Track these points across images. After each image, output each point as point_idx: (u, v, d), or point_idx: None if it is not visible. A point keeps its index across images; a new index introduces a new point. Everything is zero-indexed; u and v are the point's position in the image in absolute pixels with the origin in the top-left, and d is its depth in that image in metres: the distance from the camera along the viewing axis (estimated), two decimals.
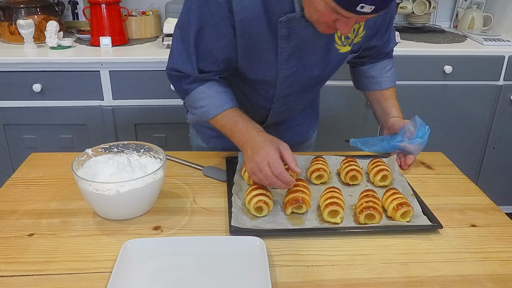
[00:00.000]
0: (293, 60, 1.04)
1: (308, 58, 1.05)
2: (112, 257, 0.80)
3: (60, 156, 1.18)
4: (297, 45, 1.02)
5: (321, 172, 1.07)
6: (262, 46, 1.01)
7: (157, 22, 2.32)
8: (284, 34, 0.99)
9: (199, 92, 1.08)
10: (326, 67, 1.10)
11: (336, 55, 1.08)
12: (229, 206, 0.94)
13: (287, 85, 1.10)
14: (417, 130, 1.14)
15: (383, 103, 1.27)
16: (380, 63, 1.27)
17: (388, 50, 1.26)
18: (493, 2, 2.54)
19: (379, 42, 1.20)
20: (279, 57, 1.03)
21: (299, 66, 1.06)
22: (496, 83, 2.17)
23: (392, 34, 1.25)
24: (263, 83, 1.10)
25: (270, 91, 1.12)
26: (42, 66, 1.92)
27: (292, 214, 0.95)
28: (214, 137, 1.31)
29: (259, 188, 0.94)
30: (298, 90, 1.14)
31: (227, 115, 1.07)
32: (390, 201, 0.94)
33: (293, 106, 1.20)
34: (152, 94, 2.01)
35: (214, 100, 1.07)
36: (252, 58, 1.04)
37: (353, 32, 1.06)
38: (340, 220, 0.91)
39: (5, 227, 0.89)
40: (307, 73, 1.09)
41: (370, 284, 0.77)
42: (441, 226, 0.90)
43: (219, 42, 1.00)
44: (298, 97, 1.17)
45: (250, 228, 0.88)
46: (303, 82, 1.11)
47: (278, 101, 1.15)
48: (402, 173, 1.10)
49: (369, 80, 1.28)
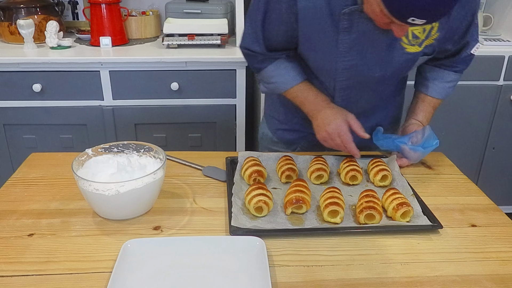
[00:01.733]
0: (353, 53, 1.05)
1: (368, 52, 1.05)
2: (112, 257, 0.80)
3: (60, 156, 1.18)
4: (358, 38, 1.02)
5: (321, 172, 1.07)
6: (323, 36, 1.04)
7: (157, 22, 2.32)
8: (346, 26, 1.00)
9: (269, 70, 1.18)
10: (390, 65, 1.08)
11: (402, 54, 1.06)
12: (229, 206, 0.94)
13: (346, 77, 1.10)
14: (424, 140, 1.13)
15: (418, 103, 1.25)
16: (441, 70, 1.22)
17: (461, 57, 1.18)
18: (493, 2, 2.54)
19: (453, 46, 1.14)
20: (339, 48, 1.04)
21: (358, 60, 1.06)
22: (496, 83, 2.17)
23: (471, 43, 1.16)
24: (323, 72, 1.13)
25: (330, 82, 1.14)
26: (42, 66, 1.92)
27: (292, 214, 0.95)
28: (281, 129, 1.35)
29: (259, 188, 0.94)
30: (359, 86, 1.13)
31: (297, 89, 1.17)
32: (390, 201, 0.94)
33: (355, 101, 1.18)
34: (152, 94, 2.01)
35: (283, 77, 1.16)
36: (312, 47, 1.08)
37: (423, 32, 1.04)
38: (340, 220, 0.91)
39: (5, 227, 0.89)
40: (368, 68, 1.08)
41: (370, 284, 0.77)
42: (441, 226, 0.90)
43: (281, 27, 1.07)
44: (361, 93, 1.16)
45: (250, 228, 0.88)
46: (363, 77, 1.10)
47: (339, 93, 1.15)
48: (402, 173, 1.10)
49: (421, 80, 1.26)
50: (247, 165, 1.06)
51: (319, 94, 1.16)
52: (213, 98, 2.04)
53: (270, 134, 1.37)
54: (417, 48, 1.06)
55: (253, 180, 1.04)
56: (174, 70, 1.98)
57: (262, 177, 1.05)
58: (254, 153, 1.15)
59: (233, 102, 2.06)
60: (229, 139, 2.14)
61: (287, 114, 1.31)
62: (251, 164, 1.06)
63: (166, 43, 2.05)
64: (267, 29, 1.10)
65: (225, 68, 1.99)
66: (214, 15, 2.21)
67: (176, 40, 2.05)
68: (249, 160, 1.08)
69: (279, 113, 1.34)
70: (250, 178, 1.04)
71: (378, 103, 1.25)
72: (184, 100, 2.03)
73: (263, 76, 1.20)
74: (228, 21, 2.17)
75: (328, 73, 1.12)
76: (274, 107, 1.35)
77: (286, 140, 1.34)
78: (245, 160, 1.09)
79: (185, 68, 1.97)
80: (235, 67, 1.99)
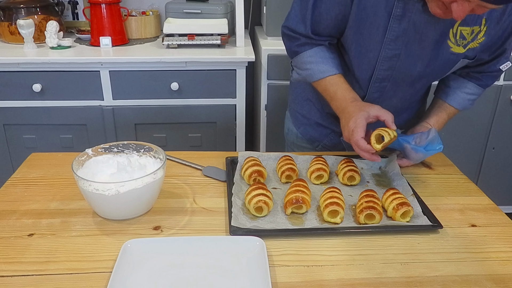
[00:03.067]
0: (399, 42, 1.04)
1: (415, 45, 1.04)
2: (112, 257, 0.80)
3: (60, 156, 1.18)
4: (407, 28, 1.02)
5: (321, 172, 1.07)
6: (374, 21, 1.03)
7: (157, 22, 2.33)
8: (398, 13, 1.00)
9: (307, 56, 1.14)
10: (432, 62, 1.07)
11: (447, 53, 1.05)
12: (229, 206, 0.94)
13: (386, 67, 1.09)
14: (428, 142, 1.12)
15: (434, 108, 1.24)
16: (465, 81, 1.21)
17: (490, 69, 1.17)
18: None
19: (487, 57, 1.13)
20: (387, 35, 1.03)
21: (403, 51, 1.05)
22: (496, 83, 2.17)
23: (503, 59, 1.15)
24: (364, 60, 1.11)
25: (367, 73, 1.12)
26: (42, 66, 1.92)
27: (292, 214, 0.95)
28: (305, 124, 1.34)
29: (259, 188, 0.94)
30: (397, 80, 1.12)
31: (329, 81, 1.13)
32: (390, 201, 0.94)
33: (388, 97, 1.17)
34: (152, 94, 2.01)
35: (320, 65, 1.13)
36: (361, 31, 1.06)
37: (471, 34, 1.03)
38: (340, 220, 0.91)
39: (5, 227, 0.89)
40: (410, 61, 1.07)
41: (370, 284, 0.77)
42: (441, 226, 0.90)
43: (334, 9, 1.06)
44: (396, 89, 1.15)
45: (250, 228, 0.88)
46: (404, 70, 1.09)
47: (374, 84, 1.14)
48: (402, 173, 1.10)
49: (442, 87, 1.25)
50: (247, 165, 1.06)
51: (349, 91, 1.11)
52: (213, 98, 2.04)
53: (295, 130, 1.37)
54: (461, 49, 1.06)
55: (253, 180, 1.04)
56: (174, 70, 1.98)
57: (262, 177, 1.05)
58: (254, 153, 1.15)
59: (233, 102, 2.06)
60: (229, 139, 2.14)
61: (311, 108, 1.31)
62: (251, 164, 1.06)
63: (166, 43, 2.05)
64: (319, 10, 1.08)
65: (225, 68, 1.99)
66: (214, 15, 2.21)
67: (176, 40, 2.05)
68: (249, 160, 1.08)
69: (303, 107, 1.33)
70: (250, 178, 1.04)
71: (406, 105, 1.24)
72: (184, 100, 2.03)
73: (299, 61, 1.17)
74: (228, 21, 2.17)
75: (369, 61, 1.10)
76: (299, 101, 1.35)
77: (310, 137, 1.34)
78: (245, 160, 1.09)
79: (185, 68, 1.97)
80: (235, 67, 1.99)
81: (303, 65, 1.16)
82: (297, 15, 1.12)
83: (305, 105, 1.32)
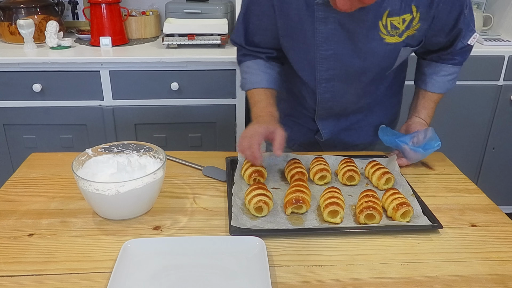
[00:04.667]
0: (330, 43, 1.06)
1: (347, 42, 1.06)
2: (112, 257, 0.80)
3: (60, 156, 1.18)
4: (335, 29, 1.03)
5: (324, 173, 1.06)
6: (301, 26, 1.06)
7: (157, 22, 2.33)
8: (321, 16, 1.02)
9: (245, 66, 1.23)
10: (369, 55, 1.08)
11: (382, 45, 1.06)
12: (229, 206, 0.94)
13: (326, 68, 1.11)
14: (426, 141, 1.13)
15: (419, 99, 1.25)
16: (438, 65, 1.21)
17: (456, 49, 1.16)
18: (493, 2, 2.54)
19: (445, 38, 1.13)
20: (316, 38, 1.05)
21: (337, 50, 1.07)
22: (496, 83, 2.17)
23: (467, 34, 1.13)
24: (304, 64, 1.14)
25: (311, 74, 1.14)
26: (42, 66, 1.92)
27: (292, 214, 0.95)
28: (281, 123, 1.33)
29: (259, 188, 0.94)
30: (342, 77, 1.13)
31: (256, 93, 1.18)
32: (390, 201, 0.94)
33: (340, 95, 1.18)
34: (152, 94, 2.01)
35: (253, 76, 1.20)
36: (292, 37, 1.10)
37: (403, 23, 1.03)
38: (340, 220, 0.91)
39: (5, 227, 0.89)
40: (347, 58, 1.08)
41: (370, 284, 0.77)
42: (441, 226, 0.90)
43: (262, 21, 1.13)
44: (345, 86, 1.15)
45: (250, 228, 0.88)
46: (344, 67, 1.10)
47: (321, 85, 1.15)
48: (402, 173, 1.10)
49: (420, 76, 1.26)
50: (247, 165, 1.06)
51: (270, 106, 1.15)
52: (213, 98, 2.04)
53: None
54: (398, 38, 1.06)
55: (253, 180, 1.04)
56: (174, 70, 1.98)
57: (262, 177, 1.05)
58: None
59: (233, 102, 2.06)
60: (229, 139, 2.14)
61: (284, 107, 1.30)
62: (251, 164, 1.06)
63: (166, 43, 2.05)
64: (250, 24, 1.16)
65: (225, 68, 1.99)
66: (214, 15, 2.21)
67: (176, 40, 2.05)
68: None
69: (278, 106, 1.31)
70: (250, 178, 1.04)
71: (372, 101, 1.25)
72: (184, 100, 2.03)
73: (241, 70, 1.26)
74: (228, 21, 2.17)
75: (309, 63, 1.13)
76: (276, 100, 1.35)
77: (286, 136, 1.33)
78: (245, 160, 1.08)
79: (185, 68, 1.97)
80: (235, 67, 1.99)
81: (242, 74, 1.25)
82: (237, 29, 1.20)
83: (281, 103, 1.31)
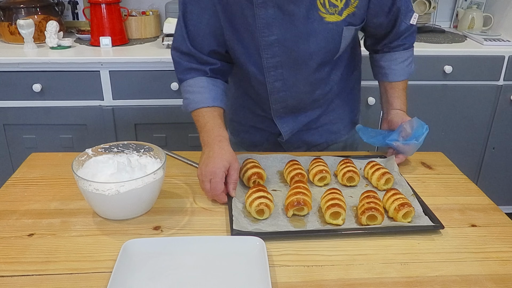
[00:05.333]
0: (272, 28, 1.05)
1: (289, 26, 1.05)
2: (112, 257, 0.80)
3: (60, 156, 1.18)
4: (275, 13, 1.03)
5: (324, 174, 1.05)
6: (241, 13, 1.04)
7: (157, 22, 2.33)
8: (260, 1, 1.01)
9: (186, 85, 1.14)
10: (313, 37, 1.07)
11: (323, 24, 1.05)
12: (230, 209, 0.94)
13: (271, 54, 1.09)
14: (414, 131, 1.13)
15: (388, 92, 1.24)
16: (392, 54, 1.22)
17: (400, 30, 1.17)
18: (493, 2, 2.54)
19: (386, 18, 1.13)
20: (257, 24, 1.04)
21: (279, 35, 1.06)
22: (496, 83, 2.17)
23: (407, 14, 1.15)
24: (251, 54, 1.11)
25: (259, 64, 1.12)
26: (42, 66, 1.92)
27: (294, 216, 0.94)
28: (243, 132, 1.33)
29: (259, 190, 0.94)
30: (289, 64, 1.11)
31: (201, 113, 1.11)
32: (391, 202, 0.94)
33: (291, 84, 1.15)
34: (152, 94, 2.01)
35: (196, 96, 1.12)
36: (235, 27, 1.08)
37: (341, 0, 1.04)
38: (342, 221, 0.91)
39: (5, 227, 0.89)
40: (291, 42, 1.07)
41: (370, 284, 0.77)
42: (442, 227, 0.90)
43: (203, 17, 1.08)
44: (293, 72, 1.13)
45: (252, 231, 0.87)
46: (289, 52, 1.09)
47: (269, 73, 1.13)
48: (401, 172, 1.10)
49: (378, 70, 1.26)
50: (246, 167, 1.05)
51: (218, 127, 1.08)
52: None
53: (233, 138, 1.35)
54: (338, 17, 1.05)
55: (252, 183, 1.03)
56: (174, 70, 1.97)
57: (261, 179, 1.04)
58: (252, 154, 1.15)
59: None
60: None
61: (245, 114, 1.30)
62: (250, 166, 1.05)
63: (166, 43, 2.05)
64: (190, 22, 1.10)
65: None
66: None
67: None
68: (248, 162, 1.07)
69: (238, 114, 1.33)
70: (249, 180, 1.03)
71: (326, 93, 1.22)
72: None
73: (182, 90, 1.16)
74: None
75: (255, 52, 1.10)
76: (233, 109, 1.34)
77: (250, 142, 1.33)
78: (244, 162, 1.08)
79: None
80: None
81: (184, 94, 1.15)
82: (178, 35, 1.13)
83: (240, 111, 1.31)
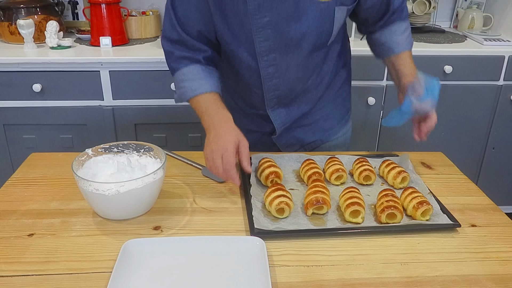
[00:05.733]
0: (264, 10, 1.03)
1: (280, 7, 1.03)
2: (112, 257, 0.80)
3: (60, 156, 1.18)
4: None
5: (340, 173, 1.06)
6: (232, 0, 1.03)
7: (157, 22, 2.32)
8: None
9: (181, 74, 1.13)
10: (305, 18, 1.05)
11: (315, 4, 1.04)
12: (248, 209, 0.93)
13: (263, 38, 1.07)
14: (426, 87, 1.08)
15: (395, 64, 1.21)
16: (390, 27, 1.20)
17: (394, 8, 1.16)
18: (493, 2, 2.54)
19: None
20: (249, 7, 1.03)
21: (271, 17, 1.04)
22: (496, 83, 2.17)
23: None
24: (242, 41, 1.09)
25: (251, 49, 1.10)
26: (42, 66, 1.92)
27: (313, 215, 0.94)
28: None
29: (278, 189, 0.94)
30: (282, 48, 1.09)
31: (202, 98, 1.10)
32: (410, 200, 0.94)
33: (284, 69, 1.14)
34: (152, 94, 2.01)
35: (192, 83, 1.11)
36: (225, 12, 1.06)
37: None
38: (361, 220, 0.91)
39: (5, 227, 0.89)
40: (283, 24, 1.05)
41: (370, 284, 0.77)
42: (459, 225, 0.90)
43: (191, 2, 1.06)
44: (286, 56, 1.11)
45: (273, 230, 0.87)
46: (281, 35, 1.07)
47: (262, 59, 1.11)
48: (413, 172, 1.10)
49: (381, 47, 1.23)
50: (263, 166, 1.05)
51: (221, 109, 1.08)
52: None
53: None
54: None
55: (270, 182, 1.03)
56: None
57: (279, 178, 1.04)
58: (267, 154, 1.15)
59: None
60: None
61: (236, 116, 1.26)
62: (267, 165, 1.05)
63: None
64: (179, 10, 1.08)
65: None
66: None
67: None
68: (265, 161, 1.07)
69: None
70: (267, 179, 1.03)
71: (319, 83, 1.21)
72: None
73: (176, 80, 1.15)
74: None
75: (246, 38, 1.08)
76: None
77: None
78: (260, 161, 1.08)
79: None
80: None
81: (179, 84, 1.14)
82: (167, 23, 1.12)
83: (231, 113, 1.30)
